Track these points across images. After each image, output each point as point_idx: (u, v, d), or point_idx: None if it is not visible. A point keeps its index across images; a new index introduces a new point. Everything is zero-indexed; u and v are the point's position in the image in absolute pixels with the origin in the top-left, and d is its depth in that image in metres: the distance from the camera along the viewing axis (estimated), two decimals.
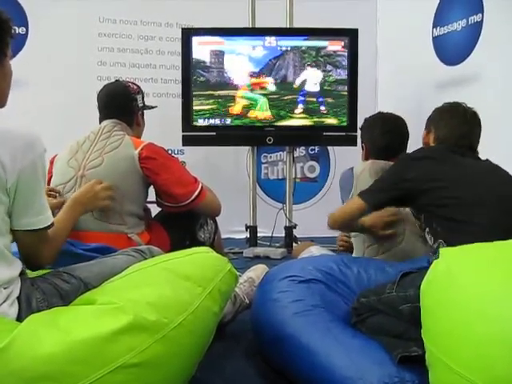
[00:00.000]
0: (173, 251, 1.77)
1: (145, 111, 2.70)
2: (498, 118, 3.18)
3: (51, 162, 2.46)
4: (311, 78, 3.94)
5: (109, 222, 2.28)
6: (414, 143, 2.41)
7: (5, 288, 1.41)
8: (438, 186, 1.93)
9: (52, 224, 1.57)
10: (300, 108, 3.95)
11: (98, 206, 2.23)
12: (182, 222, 2.61)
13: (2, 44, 1.53)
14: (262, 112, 3.95)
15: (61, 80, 4.07)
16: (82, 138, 2.47)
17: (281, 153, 4.76)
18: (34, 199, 1.48)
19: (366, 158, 2.69)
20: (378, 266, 2.17)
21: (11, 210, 1.47)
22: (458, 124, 2.09)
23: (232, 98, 3.93)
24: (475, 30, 3.47)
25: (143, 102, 2.67)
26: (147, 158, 2.35)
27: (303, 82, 3.94)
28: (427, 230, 1.99)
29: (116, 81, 2.80)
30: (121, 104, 2.56)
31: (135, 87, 2.65)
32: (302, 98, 3.95)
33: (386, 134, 2.59)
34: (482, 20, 3.43)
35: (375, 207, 2.14)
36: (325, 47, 3.93)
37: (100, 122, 2.53)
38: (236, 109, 3.95)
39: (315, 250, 2.89)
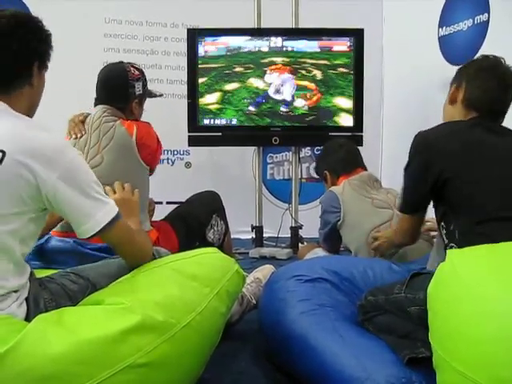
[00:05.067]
0: (181, 252, 1.78)
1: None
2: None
3: None
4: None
5: None
6: None
7: (15, 292, 1.42)
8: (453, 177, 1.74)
9: (114, 218, 1.50)
10: None
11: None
12: (192, 223, 2.61)
13: (45, 57, 1.59)
14: None
15: (66, 81, 4.08)
16: None
17: (286, 153, 4.75)
18: (79, 205, 1.45)
19: (333, 183, 2.89)
20: (384, 264, 2.17)
21: (69, 220, 1.48)
22: (493, 88, 1.86)
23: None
24: (481, 30, 3.46)
25: (143, 90, 2.55)
26: (144, 145, 2.34)
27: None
28: (444, 226, 1.82)
29: (119, 62, 2.61)
30: (114, 89, 2.46)
31: (137, 73, 2.51)
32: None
33: (342, 150, 2.93)
34: (488, 20, 3.42)
35: (418, 212, 1.96)
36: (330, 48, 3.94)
37: (95, 105, 2.48)
38: None
39: (320, 252, 2.89)
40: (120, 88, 2.47)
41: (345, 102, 3.94)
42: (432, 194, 1.82)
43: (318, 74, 3.93)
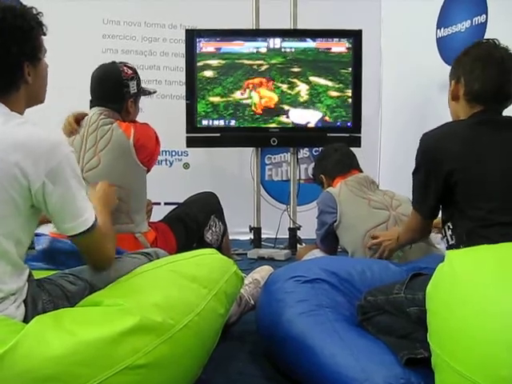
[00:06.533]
0: (179, 253, 1.78)
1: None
2: None
3: None
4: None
5: (116, 223, 2.27)
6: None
7: (13, 294, 1.42)
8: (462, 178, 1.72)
9: (95, 223, 1.50)
10: None
11: (113, 205, 2.12)
12: (190, 224, 2.60)
13: (35, 52, 1.57)
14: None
15: (64, 82, 4.07)
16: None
17: (285, 154, 4.74)
18: (68, 202, 1.45)
19: (329, 186, 2.89)
20: (382, 264, 2.17)
21: (51, 216, 1.47)
22: (493, 77, 1.78)
23: None
24: (479, 31, 3.46)
25: (138, 89, 2.53)
26: (142, 147, 2.34)
27: None
28: (450, 227, 1.80)
29: (112, 62, 2.57)
30: (109, 90, 2.45)
31: (130, 72, 2.50)
32: None
33: (337, 154, 2.94)
34: (486, 21, 3.42)
35: (431, 215, 1.92)
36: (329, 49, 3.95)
37: (90, 107, 2.46)
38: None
39: (318, 253, 2.89)
40: (114, 88, 2.45)
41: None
42: (442, 196, 1.79)
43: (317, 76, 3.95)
